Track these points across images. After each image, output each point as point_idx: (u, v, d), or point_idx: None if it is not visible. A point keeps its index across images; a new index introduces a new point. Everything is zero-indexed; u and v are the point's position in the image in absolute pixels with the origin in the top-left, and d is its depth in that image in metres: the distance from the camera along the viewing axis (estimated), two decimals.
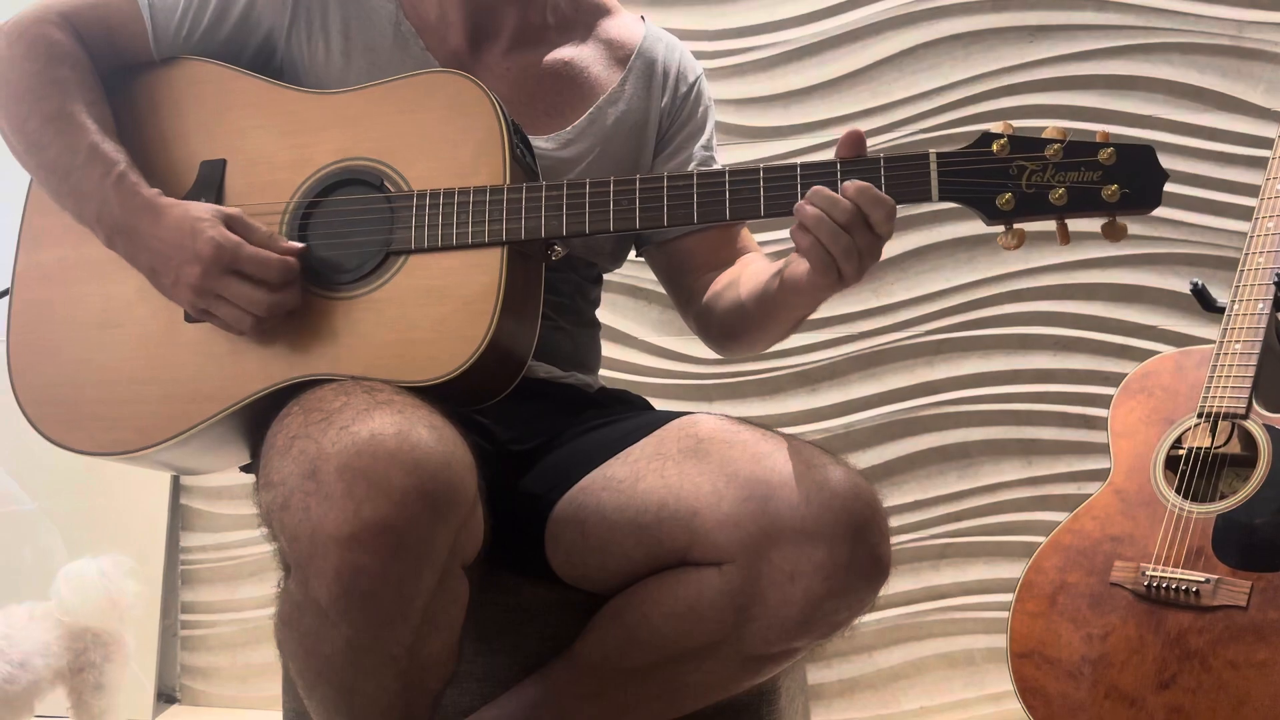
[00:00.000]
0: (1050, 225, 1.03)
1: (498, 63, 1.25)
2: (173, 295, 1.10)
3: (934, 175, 1.02)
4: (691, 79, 1.33)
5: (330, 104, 1.15)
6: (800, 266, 1.07)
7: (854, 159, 1.03)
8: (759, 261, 1.27)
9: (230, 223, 1.08)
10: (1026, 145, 1.01)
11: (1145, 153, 1.00)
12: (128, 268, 1.14)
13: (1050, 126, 1.02)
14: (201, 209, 1.09)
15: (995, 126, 1.03)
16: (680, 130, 1.31)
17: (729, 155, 2.05)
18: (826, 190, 1.01)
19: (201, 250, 1.06)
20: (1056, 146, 1.00)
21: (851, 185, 1.00)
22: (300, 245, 1.10)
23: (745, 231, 1.32)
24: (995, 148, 1.01)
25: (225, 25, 1.20)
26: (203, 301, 1.08)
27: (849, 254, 1.01)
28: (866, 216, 1.00)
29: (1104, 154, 1.00)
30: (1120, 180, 0.99)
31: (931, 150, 1.02)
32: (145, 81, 1.20)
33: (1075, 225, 1.02)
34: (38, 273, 1.19)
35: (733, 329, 1.25)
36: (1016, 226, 1.02)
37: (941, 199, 1.02)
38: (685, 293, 1.31)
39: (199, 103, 1.18)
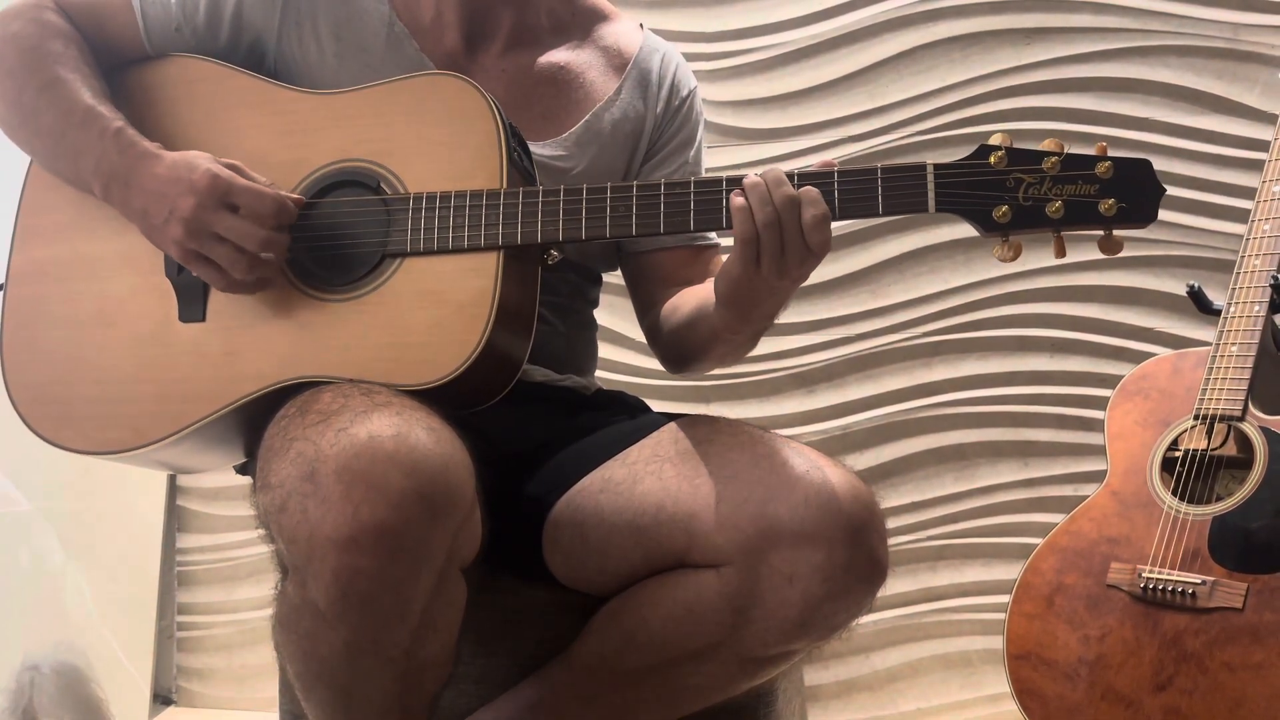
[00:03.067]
0: (1047, 235, 1.03)
1: (493, 64, 1.24)
2: (164, 234, 1.09)
3: (931, 186, 1.01)
4: (685, 92, 1.33)
5: (327, 104, 1.15)
6: (726, 264, 1.06)
7: (851, 169, 1.03)
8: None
9: (229, 165, 1.09)
10: (1024, 158, 1.01)
11: (1143, 166, 1.00)
12: (122, 266, 1.14)
13: (1049, 138, 1.02)
14: (200, 154, 1.10)
15: (994, 138, 1.02)
16: (670, 140, 1.31)
17: (727, 157, 2.06)
18: (781, 173, 1.01)
19: (198, 181, 1.06)
20: (1054, 159, 1.00)
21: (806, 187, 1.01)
22: (300, 198, 1.10)
23: (720, 259, 1.31)
24: (993, 160, 1.01)
25: (218, 25, 1.20)
26: (194, 240, 1.06)
27: (771, 229, 1.00)
28: (800, 208, 1.00)
29: (1101, 167, 0.99)
30: (1117, 194, 0.99)
31: (929, 162, 1.02)
32: (142, 79, 1.20)
33: (1072, 232, 1.02)
34: (32, 270, 1.19)
35: (675, 349, 1.25)
36: (1013, 238, 1.02)
37: (938, 210, 1.01)
38: (642, 303, 1.31)
39: (195, 101, 1.18)
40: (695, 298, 1.20)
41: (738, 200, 1.01)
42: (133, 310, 1.14)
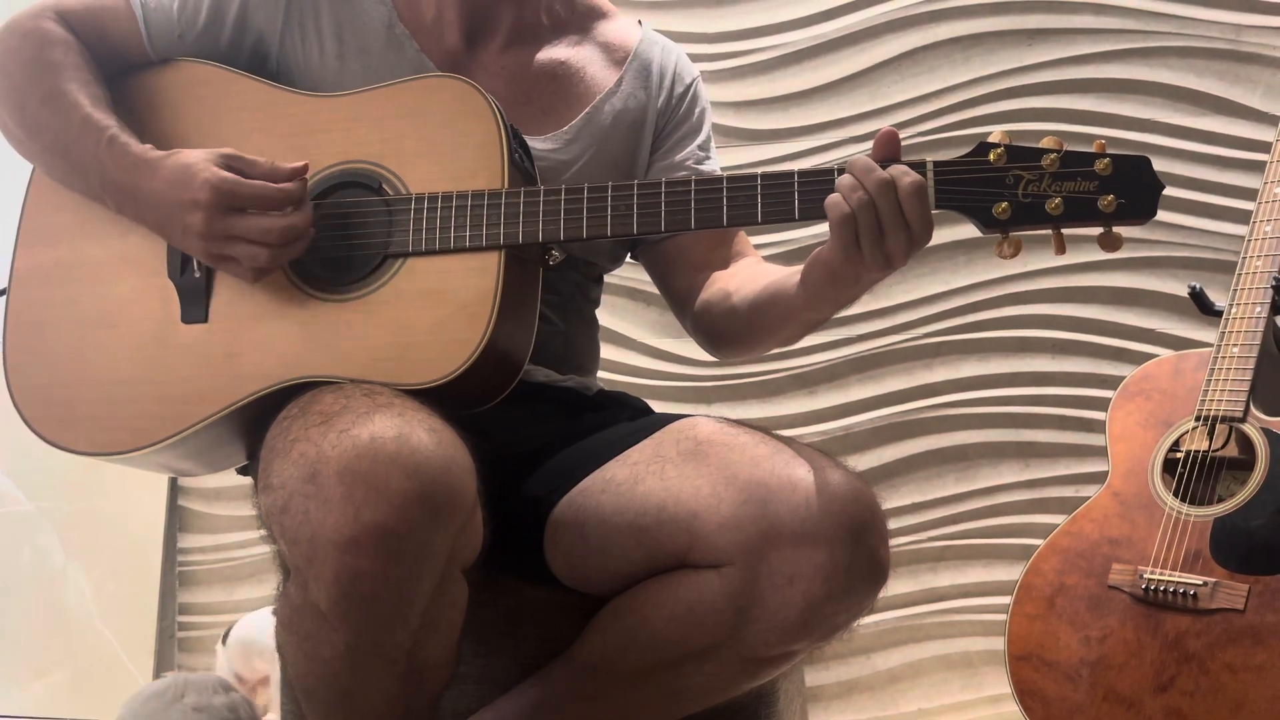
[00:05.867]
0: (1047, 233, 1.03)
1: (493, 61, 1.25)
2: (184, 246, 1.10)
3: (930, 183, 1.02)
4: (688, 80, 1.33)
5: (330, 107, 1.15)
6: (822, 253, 1.06)
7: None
8: (761, 264, 1.27)
9: (227, 161, 1.08)
10: (1023, 155, 1.01)
11: (1141, 163, 1.00)
12: (125, 268, 1.14)
13: (1047, 136, 1.02)
14: (195, 154, 1.09)
15: (993, 136, 1.03)
16: (676, 130, 1.31)
17: (728, 158, 2.05)
18: (865, 159, 1.00)
19: (199, 196, 1.06)
20: (1053, 156, 1.00)
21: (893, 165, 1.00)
22: (303, 164, 1.09)
23: (742, 234, 1.32)
24: (992, 157, 1.01)
25: (220, 28, 1.20)
26: (214, 246, 1.07)
27: (866, 212, 0.99)
28: (895, 184, 0.99)
29: (1100, 164, 1.00)
30: (1116, 190, 0.99)
31: (928, 159, 1.03)
32: (145, 84, 1.21)
33: (1072, 229, 1.02)
34: (35, 272, 1.19)
35: (732, 330, 1.24)
36: (1013, 235, 1.02)
37: (938, 207, 1.02)
38: (680, 294, 1.31)
39: (199, 105, 1.18)
40: (759, 281, 1.19)
41: (832, 196, 1.01)
42: (135, 311, 1.14)
